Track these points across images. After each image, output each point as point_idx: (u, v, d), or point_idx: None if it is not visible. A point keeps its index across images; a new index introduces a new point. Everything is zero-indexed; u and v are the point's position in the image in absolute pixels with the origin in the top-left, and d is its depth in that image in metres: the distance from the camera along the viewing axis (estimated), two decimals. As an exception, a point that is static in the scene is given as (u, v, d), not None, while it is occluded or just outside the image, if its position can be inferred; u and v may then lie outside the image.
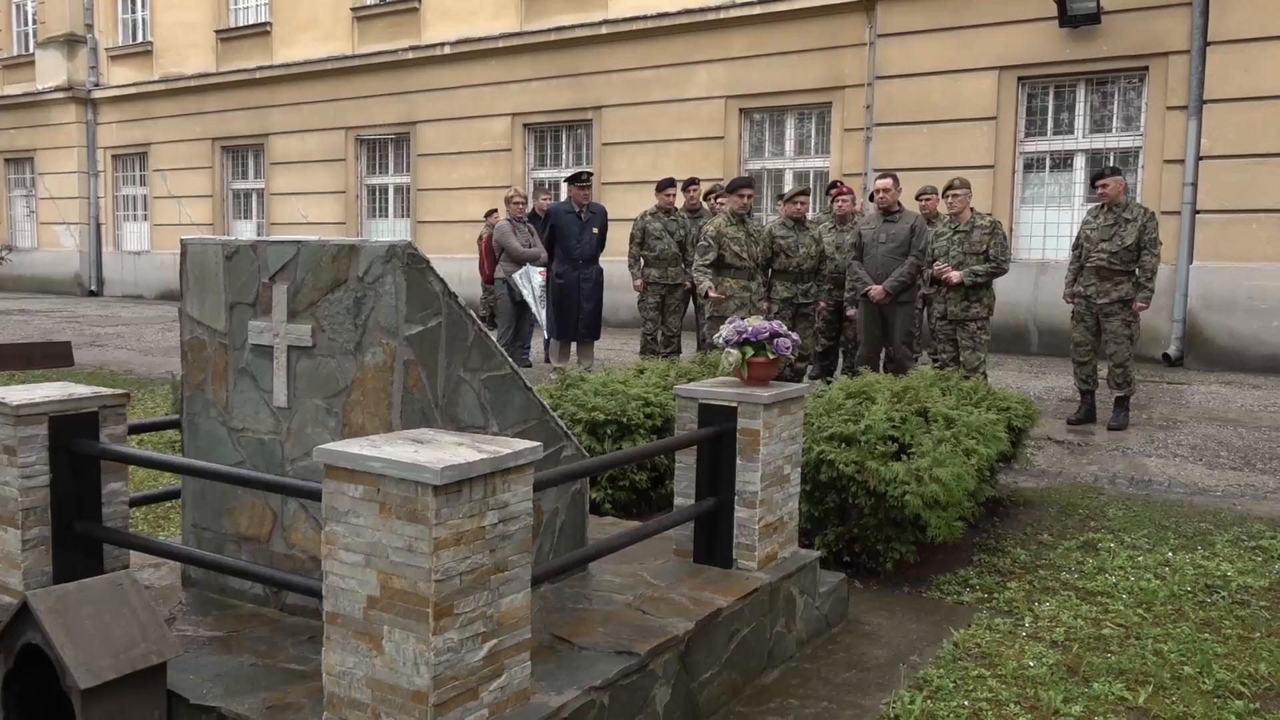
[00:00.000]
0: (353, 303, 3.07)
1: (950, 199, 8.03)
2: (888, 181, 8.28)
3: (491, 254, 10.25)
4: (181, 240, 3.52)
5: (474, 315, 3.22)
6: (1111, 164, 11.24)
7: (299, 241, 3.19)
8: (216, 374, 3.43)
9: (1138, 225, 7.55)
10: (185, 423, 3.53)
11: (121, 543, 3.43)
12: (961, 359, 7.70)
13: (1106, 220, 7.69)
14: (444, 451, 2.50)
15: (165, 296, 21.07)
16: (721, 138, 14.36)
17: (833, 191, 9.58)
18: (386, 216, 18.38)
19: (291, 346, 3.21)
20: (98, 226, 22.58)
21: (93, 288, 22.56)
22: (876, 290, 8.04)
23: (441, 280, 3.11)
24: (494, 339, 3.35)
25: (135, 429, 3.89)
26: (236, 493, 3.40)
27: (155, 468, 3.36)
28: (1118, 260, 7.59)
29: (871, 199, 10.23)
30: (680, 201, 10.42)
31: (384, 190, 18.40)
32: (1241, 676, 3.67)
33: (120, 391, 3.53)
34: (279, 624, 3.26)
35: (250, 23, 19.73)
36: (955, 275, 7.74)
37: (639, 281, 9.74)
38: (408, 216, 17.94)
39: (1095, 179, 7.85)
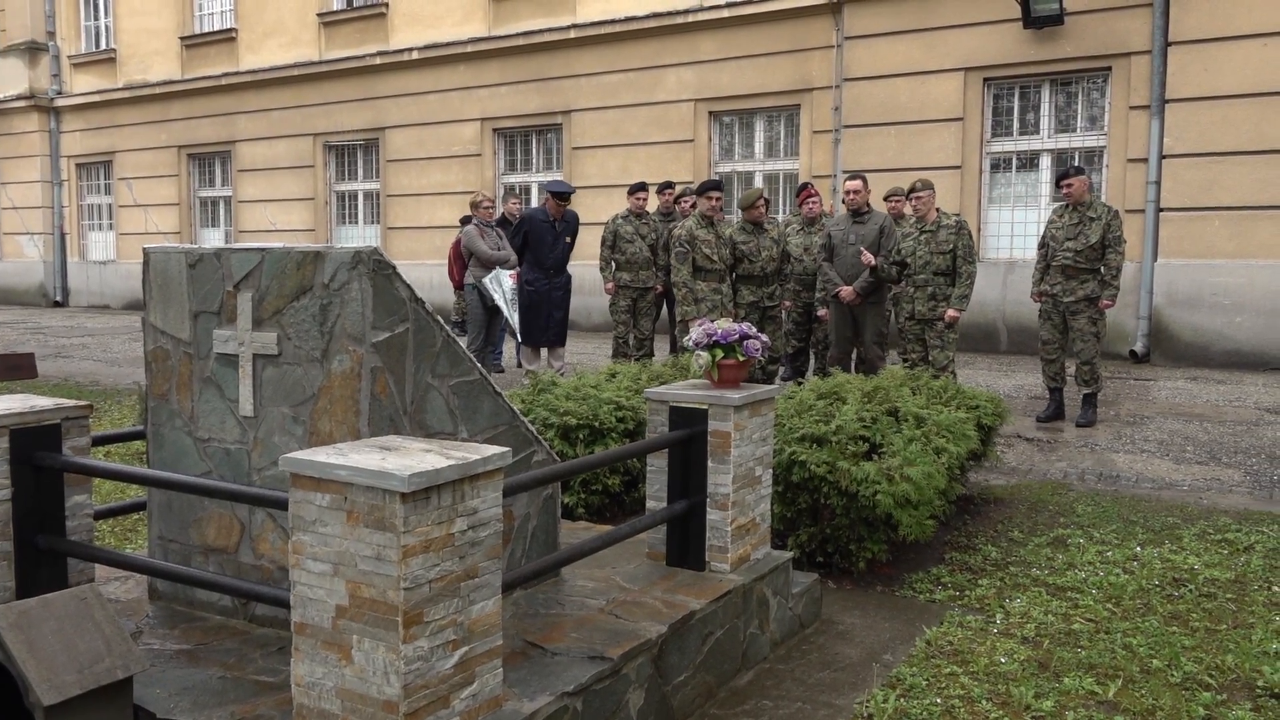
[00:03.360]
0: (319, 310, 3.05)
1: (914, 201, 8.08)
2: (858, 183, 8.34)
3: (461, 259, 10.20)
4: (144, 249, 3.49)
5: (441, 321, 3.21)
6: (1076, 163, 11.34)
7: (263, 249, 3.17)
8: (181, 384, 3.39)
9: (1102, 224, 7.62)
10: (150, 433, 3.49)
11: (86, 556, 3.38)
12: (930, 358, 7.73)
13: (1071, 219, 7.76)
14: (412, 458, 2.49)
15: (132, 306, 20.86)
16: (691, 141, 14.39)
17: (801, 194, 9.62)
18: (356, 223, 18.27)
19: (257, 355, 3.19)
20: (62, 236, 22.31)
21: (58, 298, 22.28)
22: (846, 291, 8.09)
23: (408, 286, 3.10)
24: (464, 345, 3.34)
25: (100, 440, 3.84)
26: (203, 504, 3.37)
27: (119, 479, 3.31)
28: (1083, 259, 7.66)
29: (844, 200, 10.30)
30: (654, 205, 10.43)
31: (353, 196, 18.28)
32: (1209, 668, 3.71)
33: (83, 403, 3.48)
34: (248, 636, 3.22)
35: (215, 29, 19.56)
36: (869, 258, 7.88)
37: (610, 285, 9.74)
38: (377, 223, 17.84)
39: (1060, 179, 7.91)
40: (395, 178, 17.31)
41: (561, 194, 9.75)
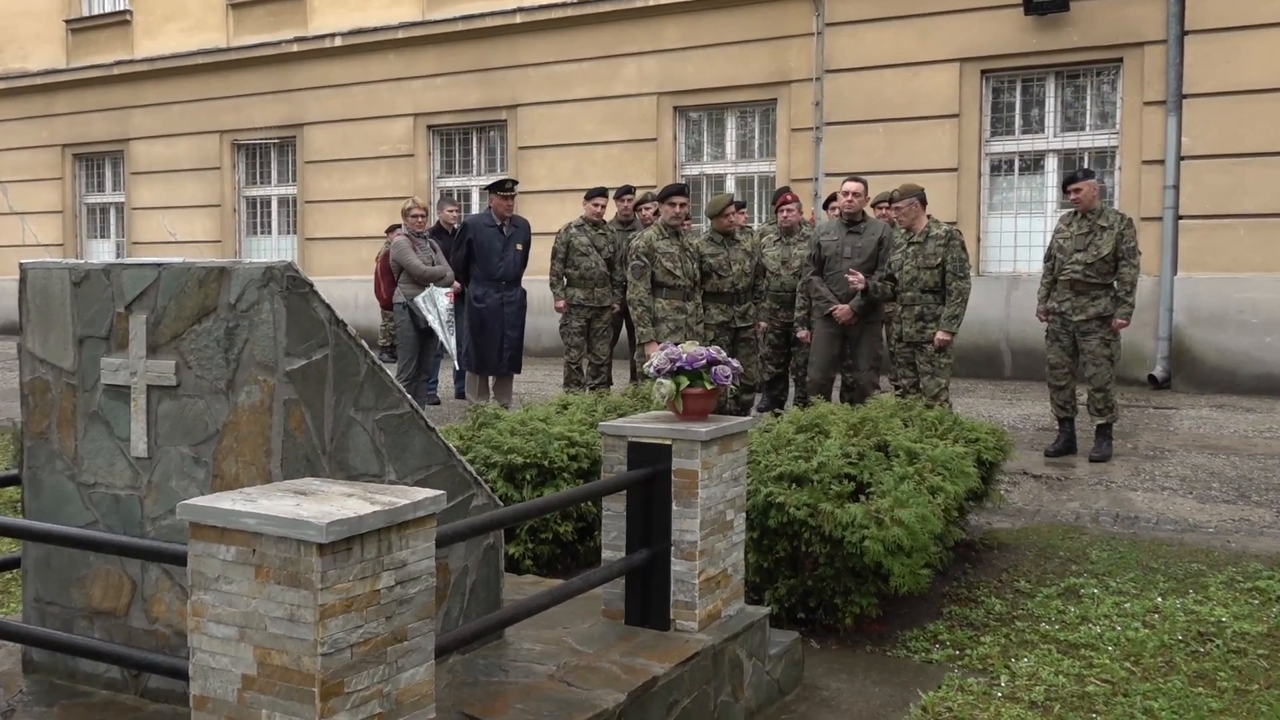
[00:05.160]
0: (224, 334, 3.04)
1: (894, 213, 8.18)
2: (858, 185, 8.37)
3: (389, 275, 10.17)
4: (21, 264, 3.46)
5: (366, 346, 3.21)
6: (1085, 166, 11.57)
7: (160, 264, 3.16)
8: (63, 420, 3.36)
9: (1114, 233, 7.75)
10: (26, 478, 3.45)
11: (-51, 622, 3.33)
12: (921, 386, 7.80)
13: (1080, 228, 7.90)
14: (331, 504, 2.48)
15: (7, 331, 20.55)
16: (654, 139, 14.50)
17: (778, 200, 9.70)
18: (269, 233, 18.18)
19: (152, 386, 3.17)
20: (-75, 249, 21.97)
21: (-80, 321, 21.91)
22: (842, 309, 8.13)
23: (328, 306, 3.10)
24: (393, 373, 3.34)
25: (-34, 487, 3.78)
26: (88, 559, 3.33)
27: (-10, 532, 3.27)
28: (1094, 273, 7.79)
29: (826, 206, 10.39)
30: (611, 212, 10.47)
31: (266, 203, 18.20)
32: (1238, 734, 3.77)
33: (-53, 443, 3.44)
34: (139, 713, 3.18)
35: (106, 11, 19.45)
36: (859, 279, 7.96)
37: (562, 303, 9.75)
38: (294, 233, 17.77)
39: (1067, 183, 8.05)
40: (315, 181, 17.25)
41: (504, 189, 9.76)
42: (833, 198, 9.37)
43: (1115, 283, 7.80)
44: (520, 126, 15.44)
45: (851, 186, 8.36)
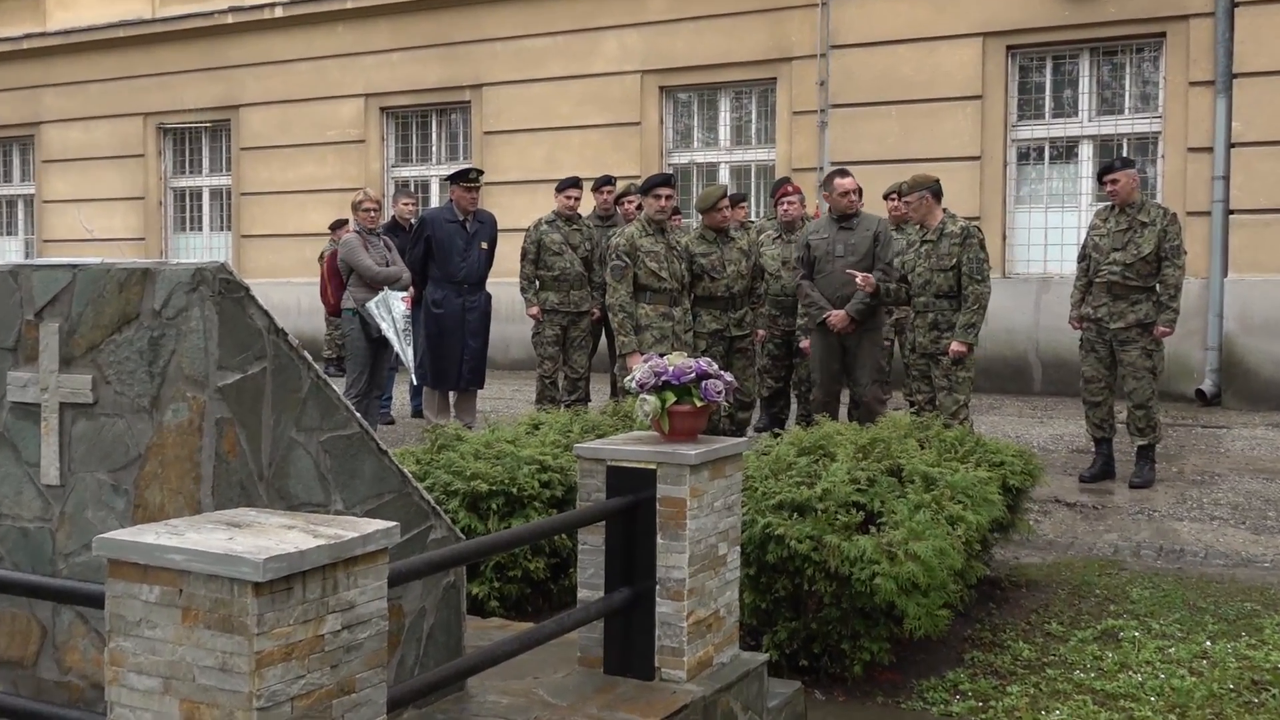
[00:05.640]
0: (147, 345, 3.04)
1: (904, 208, 8.20)
2: (853, 181, 8.40)
3: (337, 277, 10.15)
4: (-85, 265, 3.44)
5: (309, 358, 3.21)
6: (1123, 154, 11.60)
7: (75, 265, 3.15)
8: (-37, 442, 3.34)
9: (1157, 230, 7.79)
10: (-79, 509, 3.43)
11: None
12: (938, 402, 7.82)
13: (1118, 224, 7.94)
14: (269, 537, 2.48)
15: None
16: (638, 123, 14.51)
17: (778, 192, 9.72)
18: (200, 229, 18.12)
19: (65, 404, 3.16)
20: None
21: None
22: (836, 316, 8.14)
23: (266, 313, 3.10)
24: (341, 388, 3.33)
25: None
26: (-9, 601, 3.31)
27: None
28: (1133, 274, 7.83)
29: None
30: (589, 206, 10.48)
31: (196, 195, 18.15)
32: (1296, 795, 3.79)
33: None
34: (50, 775, 3.16)
35: (15, -23, 19.40)
36: (868, 281, 7.93)
37: (534, 309, 9.76)
38: (228, 229, 17.72)
39: (1103, 173, 8.09)
40: (252, 171, 17.22)
41: (467, 179, 9.76)
42: None
43: (1158, 285, 7.84)
44: (486, 108, 15.44)
45: (846, 183, 8.34)
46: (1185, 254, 7.96)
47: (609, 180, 10.60)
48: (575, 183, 10.05)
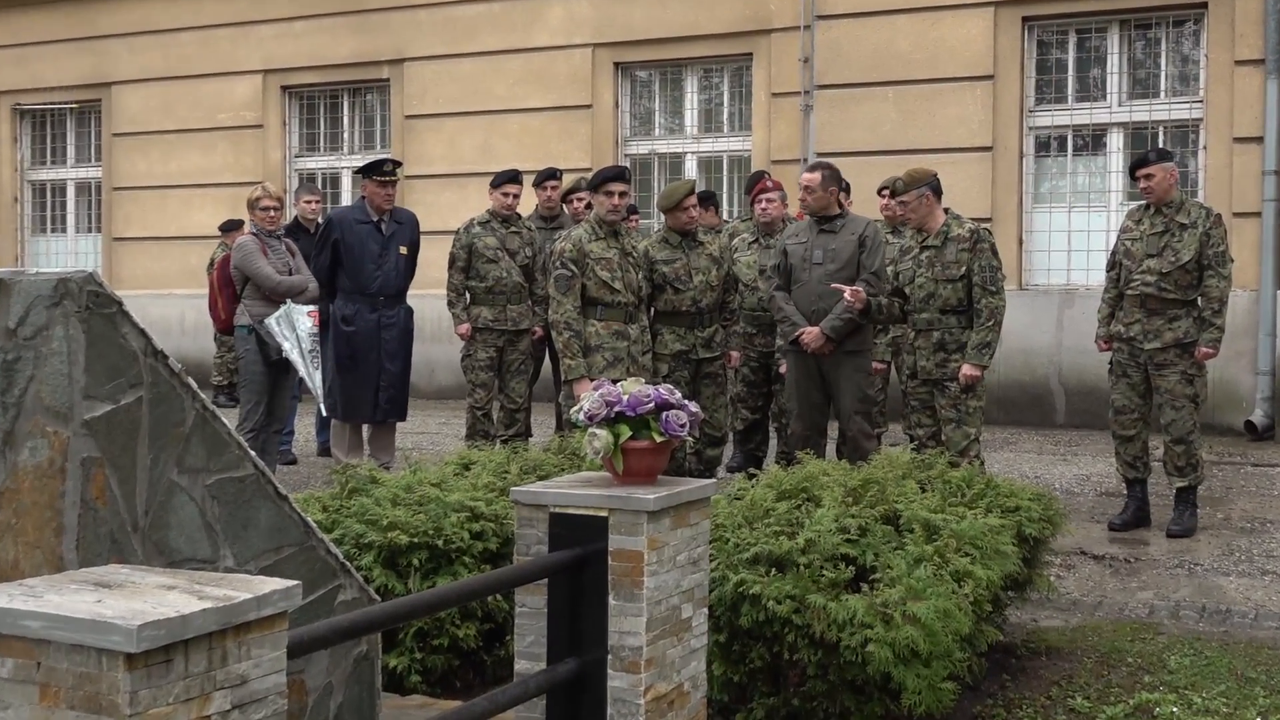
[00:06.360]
0: (0, 370, 3.02)
1: (900, 209, 8.20)
2: (815, 175, 8.28)
3: (230, 287, 10.09)
4: None
5: (195, 386, 3.20)
6: (1160, 145, 11.71)
7: (-90, 275, 3.13)
8: None
9: (1197, 234, 7.81)
10: None
11: None
12: (944, 437, 7.84)
13: (1153, 227, 7.97)
14: (145, 599, 2.47)
15: None
16: (588, 107, 14.52)
17: (754, 189, 9.75)
18: (63, 231, 18.00)
19: (-101, 441, 3.13)
20: None
21: None
22: (809, 334, 8.10)
23: (143, 332, 3.09)
24: (233, 422, 3.32)
25: None
26: None
27: None
28: (1170, 285, 7.85)
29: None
30: (531, 205, 10.47)
31: (59, 190, 18.03)
32: None
33: None
34: None
35: None
36: (857, 295, 7.77)
37: (464, 327, 9.73)
38: (97, 231, 17.60)
39: (1135, 167, 8.13)
40: (127, 161, 17.11)
41: (383, 172, 9.72)
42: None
43: (1200, 299, 7.86)
44: (407, 88, 15.42)
45: (809, 177, 8.24)
46: (1232, 262, 7.97)
47: (554, 174, 10.59)
48: (514, 177, 10.02)
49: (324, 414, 10.26)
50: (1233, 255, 8.09)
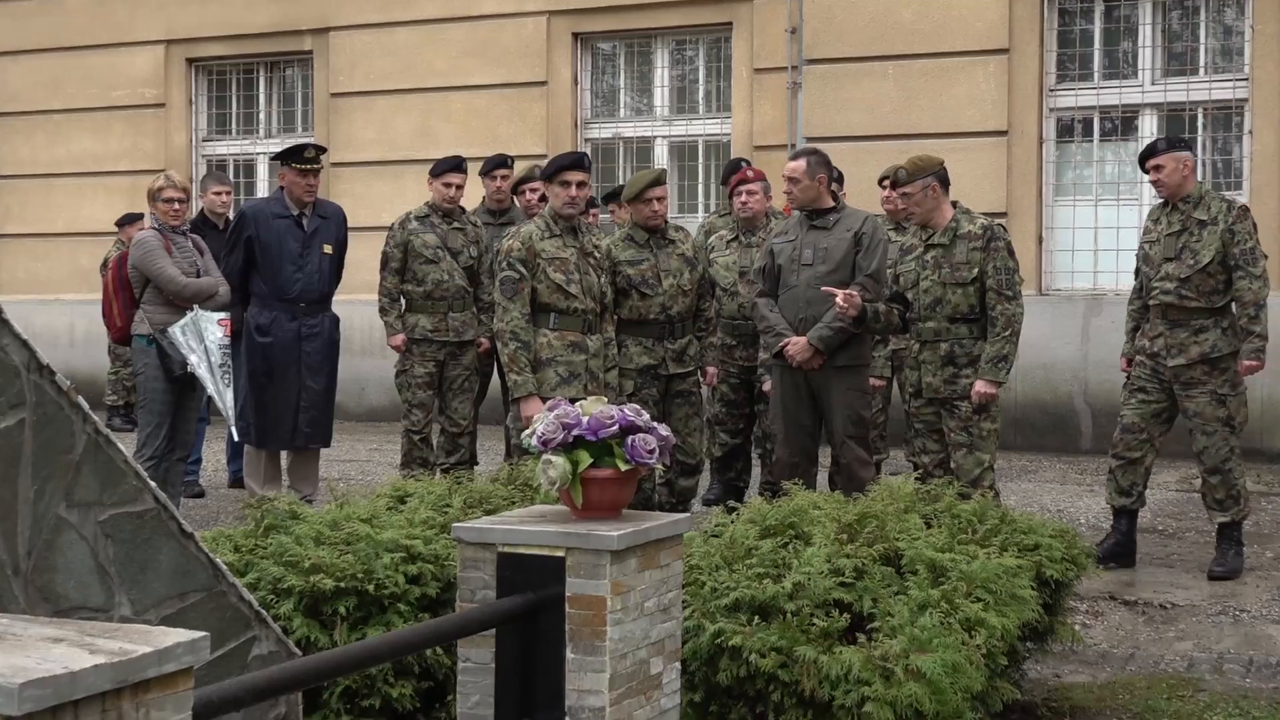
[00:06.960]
0: None
1: (901, 201, 8.22)
2: (800, 164, 8.28)
3: (127, 291, 10.06)
4: None
5: (86, 407, 3.19)
6: (1198, 127, 11.76)
7: None
8: None
9: (1218, 231, 7.77)
10: None
11: None
12: (953, 464, 7.85)
13: (1169, 227, 7.97)
14: (27, 654, 2.46)
15: None
16: (543, 84, 14.54)
17: (733, 179, 9.76)
18: (-67, 226, 17.95)
19: None
20: None
21: None
22: (795, 345, 8.10)
23: (26, 344, 3.08)
24: (130, 448, 3.32)
25: None
26: None
27: None
28: (1192, 291, 7.83)
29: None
30: (476, 197, 10.48)
31: (-72, 179, 17.99)
32: None
33: None
34: None
35: None
36: (852, 300, 7.71)
37: (399, 338, 9.72)
38: (-27, 226, 17.57)
39: (1144, 158, 8.14)
40: (6, 146, 17.05)
41: (304, 159, 9.70)
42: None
43: (1233, 305, 7.85)
44: (333, 61, 15.40)
45: (793, 166, 8.27)
46: (1265, 259, 7.90)
47: (503, 161, 10.59)
48: (457, 165, 10.01)
49: (236, 439, 10.21)
50: (1266, 252, 8.03)
